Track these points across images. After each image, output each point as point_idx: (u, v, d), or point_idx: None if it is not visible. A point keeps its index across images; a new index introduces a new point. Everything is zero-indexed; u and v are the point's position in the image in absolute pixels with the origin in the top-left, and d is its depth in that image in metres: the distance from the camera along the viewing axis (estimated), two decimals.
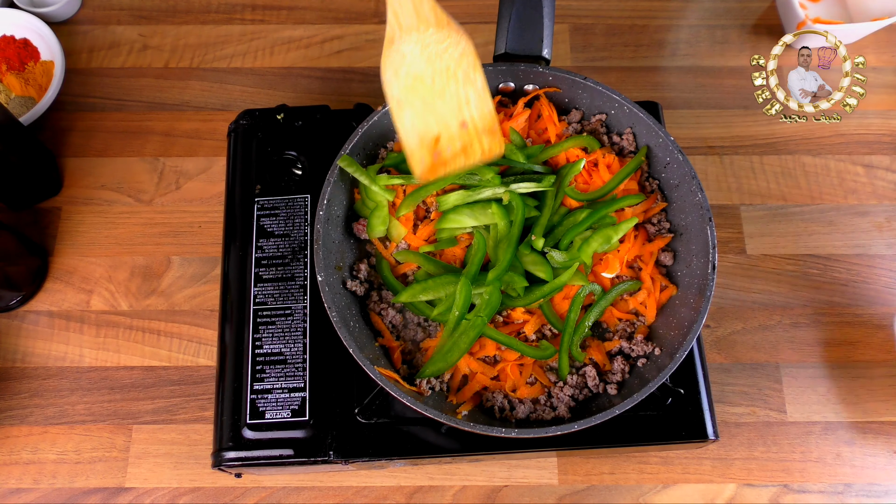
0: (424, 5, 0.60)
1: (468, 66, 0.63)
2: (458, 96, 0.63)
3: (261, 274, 0.74)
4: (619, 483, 0.81)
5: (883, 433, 0.83)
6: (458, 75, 0.63)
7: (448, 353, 0.68)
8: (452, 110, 0.63)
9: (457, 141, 0.64)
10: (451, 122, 0.63)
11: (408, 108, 0.62)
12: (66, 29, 1.04)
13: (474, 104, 0.63)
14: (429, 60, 0.62)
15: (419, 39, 0.61)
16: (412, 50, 0.61)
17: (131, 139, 0.98)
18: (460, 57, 0.62)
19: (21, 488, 0.81)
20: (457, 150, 0.64)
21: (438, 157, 0.63)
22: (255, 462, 0.68)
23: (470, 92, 0.63)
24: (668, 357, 0.65)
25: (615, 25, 1.06)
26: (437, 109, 0.63)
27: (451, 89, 0.63)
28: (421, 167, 0.64)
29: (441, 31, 0.61)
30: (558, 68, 0.75)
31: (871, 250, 0.91)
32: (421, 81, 0.62)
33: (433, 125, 0.63)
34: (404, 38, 0.61)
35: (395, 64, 0.61)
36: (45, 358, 0.86)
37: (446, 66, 0.62)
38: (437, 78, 0.62)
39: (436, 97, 0.62)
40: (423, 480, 0.81)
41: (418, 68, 0.62)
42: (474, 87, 0.63)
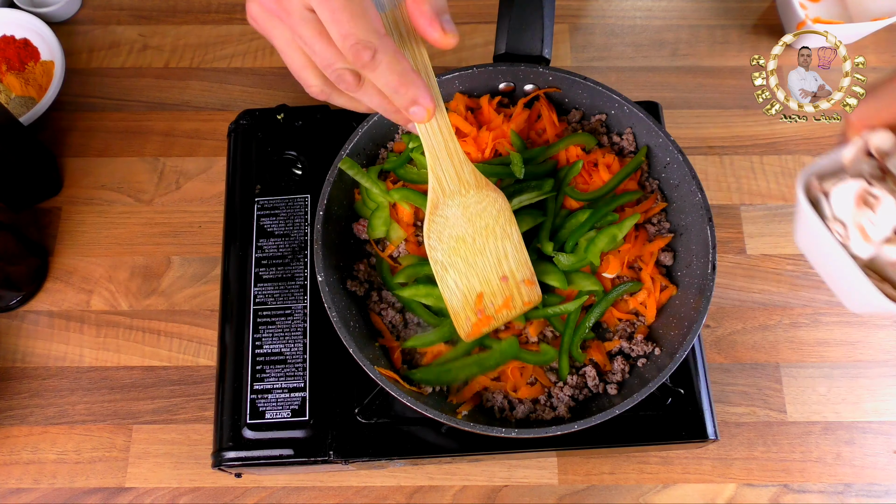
0: (465, 170, 0.62)
1: (505, 222, 0.65)
2: (498, 251, 0.66)
3: (261, 274, 0.74)
4: (619, 483, 0.81)
5: (883, 433, 0.83)
6: (496, 231, 0.65)
7: (444, 372, 0.68)
8: (493, 266, 0.66)
9: (498, 296, 0.66)
10: (491, 278, 0.66)
11: (452, 269, 0.65)
12: (66, 29, 1.04)
13: (512, 257, 0.66)
14: (469, 221, 0.64)
15: (461, 202, 0.63)
16: (455, 213, 0.63)
17: (131, 139, 0.98)
18: (498, 214, 0.65)
19: (21, 488, 0.81)
20: (499, 304, 0.66)
21: (482, 314, 0.66)
22: (255, 462, 0.68)
23: (507, 245, 0.66)
24: (668, 357, 0.65)
25: (615, 25, 1.06)
26: (479, 267, 0.65)
27: (491, 245, 0.65)
28: (467, 327, 0.66)
29: (480, 192, 0.63)
30: (558, 68, 0.75)
31: None
32: (463, 242, 0.65)
33: (476, 283, 0.66)
34: (447, 203, 0.63)
35: (438, 228, 0.64)
36: (45, 358, 0.86)
37: (486, 223, 0.65)
38: (478, 237, 0.65)
39: (477, 255, 0.65)
40: (423, 480, 0.81)
41: (460, 230, 0.64)
42: (511, 240, 0.66)
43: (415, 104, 0.50)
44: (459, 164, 0.62)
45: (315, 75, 0.51)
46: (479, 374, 0.68)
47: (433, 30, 0.50)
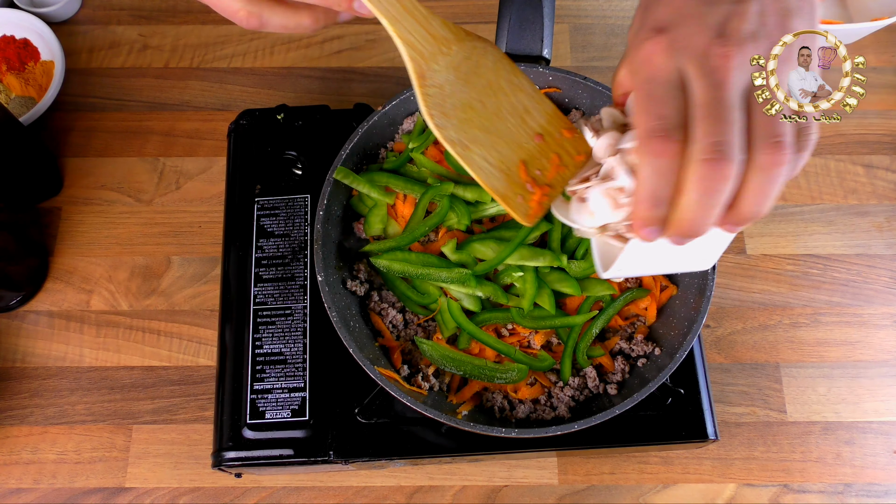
0: (434, 23, 0.53)
1: (507, 72, 0.55)
2: (516, 108, 0.54)
3: (261, 274, 0.74)
4: (619, 483, 0.81)
5: (883, 433, 0.83)
6: (502, 86, 0.54)
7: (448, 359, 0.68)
8: (518, 126, 0.54)
9: (542, 158, 0.54)
10: (524, 140, 0.54)
11: (474, 145, 0.52)
12: (66, 29, 1.04)
13: (535, 110, 0.55)
14: (468, 82, 0.53)
15: (448, 63, 0.53)
16: (447, 77, 0.52)
17: (131, 139, 0.98)
18: (495, 65, 0.55)
19: (21, 488, 0.81)
20: (546, 167, 0.54)
21: (534, 185, 0.54)
22: (255, 462, 0.68)
23: (523, 98, 0.55)
24: (668, 357, 0.65)
25: (615, 25, 1.06)
26: (503, 133, 0.54)
27: (505, 103, 0.54)
28: (524, 209, 0.53)
29: (464, 45, 0.54)
30: (558, 68, 0.75)
31: (871, 250, 0.91)
32: (472, 109, 0.53)
33: (510, 153, 0.53)
34: (433, 68, 0.52)
35: (437, 101, 0.52)
36: (45, 358, 0.86)
37: (486, 80, 0.54)
38: (485, 98, 0.54)
39: (494, 120, 0.53)
40: (423, 480, 0.81)
41: (462, 96, 0.53)
42: (524, 91, 0.55)
43: None
44: (425, 20, 0.52)
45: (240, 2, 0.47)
46: (480, 379, 0.68)
47: None
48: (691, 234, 0.44)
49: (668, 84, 0.44)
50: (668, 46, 0.44)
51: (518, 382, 0.68)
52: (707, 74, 0.42)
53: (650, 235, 0.45)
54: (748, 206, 0.42)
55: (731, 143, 0.41)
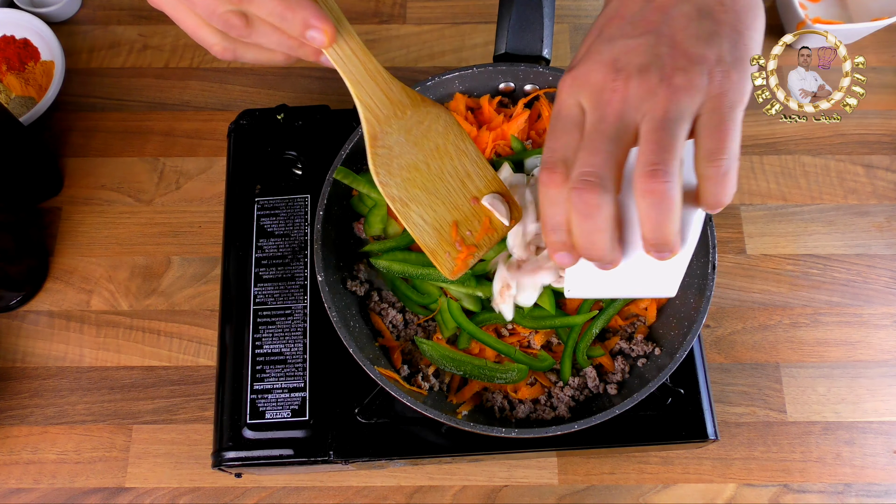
0: (394, 89, 0.57)
1: (456, 138, 0.59)
2: (458, 171, 0.59)
3: (261, 274, 0.74)
4: (619, 483, 0.81)
5: (883, 433, 0.83)
6: (449, 150, 0.59)
7: (448, 359, 0.68)
8: (458, 189, 0.59)
9: (474, 220, 0.59)
10: (460, 202, 0.59)
11: (413, 203, 0.57)
12: (66, 29, 1.04)
13: (475, 174, 0.60)
14: (416, 145, 0.58)
15: (401, 126, 0.57)
16: (397, 140, 0.57)
17: (131, 139, 0.98)
18: (445, 130, 0.59)
19: (21, 488, 0.81)
20: (477, 229, 0.59)
21: (462, 245, 0.59)
22: (255, 462, 0.68)
23: (466, 163, 0.59)
24: (668, 357, 0.65)
25: None
26: (442, 194, 0.58)
27: (448, 167, 0.59)
28: (449, 264, 0.59)
29: (419, 110, 0.57)
30: (558, 68, 0.75)
31: (871, 250, 0.91)
32: (417, 170, 0.58)
33: (445, 213, 0.58)
34: (385, 130, 0.57)
35: (384, 161, 0.57)
36: (45, 358, 0.86)
37: (435, 144, 0.58)
38: (431, 160, 0.58)
39: (436, 181, 0.58)
40: (423, 480, 0.81)
41: (409, 157, 0.57)
42: (468, 157, 0.59)
43: (308, 27, 0.48)
44: (385, 85, 0.56)
45: (212, 32, 0.49)
46: (480, 379, 0.68)
47: None
48: (602, 258, 0.46)
49: (568, 119, 0.47)
50: (571, 83, 0.47)
51: (518, 382, 0.68)
52: (596, 108, 0.45)
53: (562, 260, 0.48)
54: (646, 231, 0.44)
55: (602, 172, 0.43)
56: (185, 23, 0.50)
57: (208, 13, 0.47)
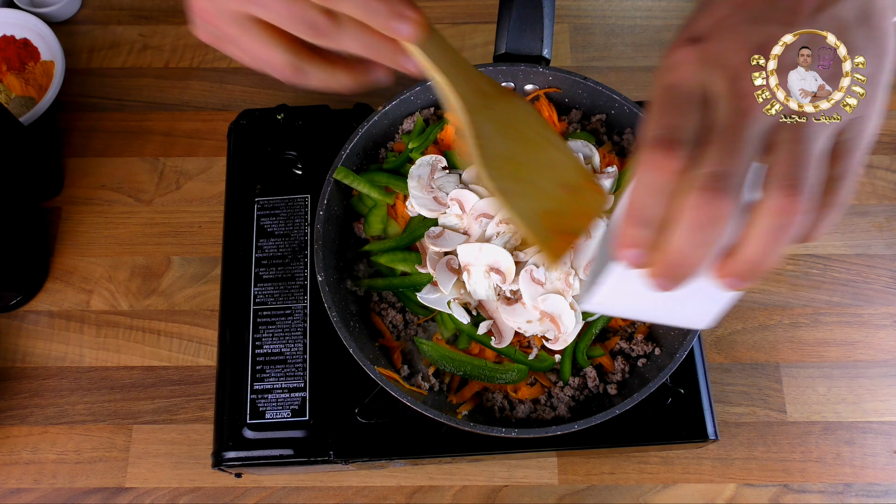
0: (481, 80, 0.54)
1: (538, 126, 0.57)
2: (545, 161, 0.57)
3: (261, 274, 0.74)
4: (619, 483, 0.81)
5: (883, 433, 0.83)
6: (534, 139, 0.57)
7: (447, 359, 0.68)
8: (548, 177, 0.57)
9: (567, 207, 0.57)
10: (552, 190, 0.57)
11: (516, 196, 0.55)
12: (66, 29, 1.04)
13: (560, 161, 0.58)
14: (504, 134, 0.55)
15: (489, 117, 0.54)
16: (488, 131, 0.54)
17: (131, 139, 0.98)
18: (528, 119, 0.57)
19: (21, 488, 0.81)
20: (569, 216, 0.57)
21: (560, 231, 0.56)
22: (255, 462, 0.68)
23: (551, 151, 0.58)
24: (668, 357, 0.65)
25: (615, 25, 1.06)
26: (536, 183, 0.56)
27: (535, 157, 0.57)
28: (556, 253, 0.56)
29: (503, 99, 0.56)
30: (558, 68, 0.75)
31: (871, 250, 0.91)
32: (510, 161, 0.55)
33: (542, 201, 0.56)
34: (481, 120, 0.54)
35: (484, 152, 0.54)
36: (45, 358, 0.86)
37: (521, 134, 0.56)
38: (519, 150, 0.56)
39: (529, 171, 0.56)
40: (423, 480, 0.81)
41: (502, 148, 0.55)
42: (553, 145, 0.58)
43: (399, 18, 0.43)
44: (474, 75, 0.54)
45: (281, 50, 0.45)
46: (480, 379, 0.68)
47: None
48: (677, 274, 0.38)
49: (689, 96, 0.39)
50: (699, 57, 0.40)
51: (518, 382, 0.68)
52: (735, 97, 0.38)
53: (631, 259, 0.39)
54: (747, 253, 0.37)
55: (739, 177, 0.36)
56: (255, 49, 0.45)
57: (291, 16, 0.42)
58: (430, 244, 0.69)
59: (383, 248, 0.71)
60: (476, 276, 0.67)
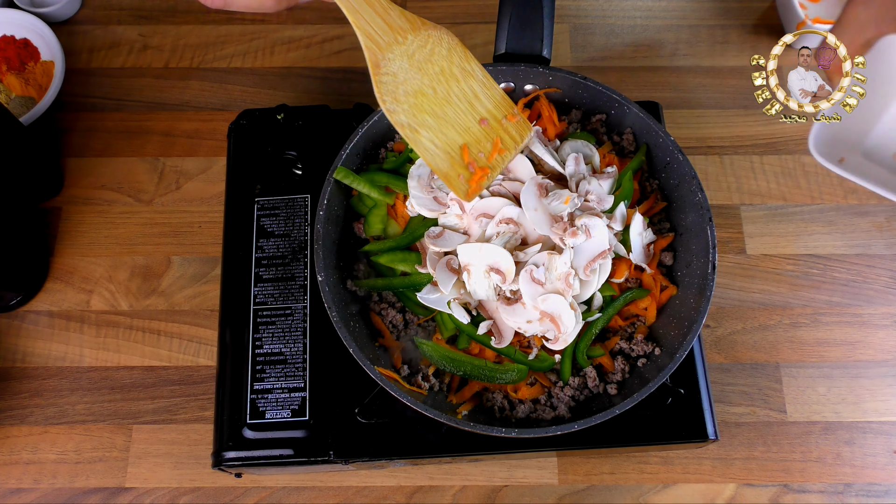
0: (393, 15, 0.56)
1: (461, 59, 0.59)
2: (465, 94, 0.59)
3: (261, 274, 0.74)
4: (619, 483, 0.81)
5: (883, 433, 0.83)
6: (454, 73, 0.59)
7: (448, 359, 0.68)
8: (466, 111, 0.59)
9: (485, 141, 0.60)
10: (470, 124, 0.59)
11: (422, 129, 0.58)
12: (66, 29, 1.04)
13: (483, 95, 0.60)
14: (421, 70, 0.57)
15: (403, 52, 0.57)
16: (401, 66, 0.57)
17: (131, 139, 0.98)
18: (449, 53, 0.59)
19: (21, 488, 0.81)
20: (488, 150, 0.60)
21: (475, 166, 0.59)
22: (255, 462, 0.68)
23: (473, 85, 0.59)
24: (668, 357, 0.65)
25: (615, 25, 1.06)
26: (451, 117, 0.59)
27: (455, 90, 0.59)
28: (463, 186, 0.60)
29: (419, 34, 0.57)
30: (558, 68, 0.75)
31: (871, 250, 0.91)
32: (423, 95, 0.58)
33: (455, 136, 0.59)
34: (388, 57, 0.56)
35: (390, 88, 0.57)
36: (45, 358, 0.86)
37: (440, 67, 0.58)
38: (437, 85, 0.58)
39: (444, 105, 0.58)
40: (423, 480, 0.81)
41: (415, 83, 0.57)
42: (475, 78, 0.59)
43: None
44: (384, 11, 0.55)
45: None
46: (480, 379, 0.68)
47: None
48: None
49: None
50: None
51: (518, 382, 0.68)
52: None
53: None
54: None
55: None
56: None
57: None
58: (430, 244, 0.69)
59: (383, 248, 0.71)
60: (476, 277, 0.67)
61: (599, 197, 0.70)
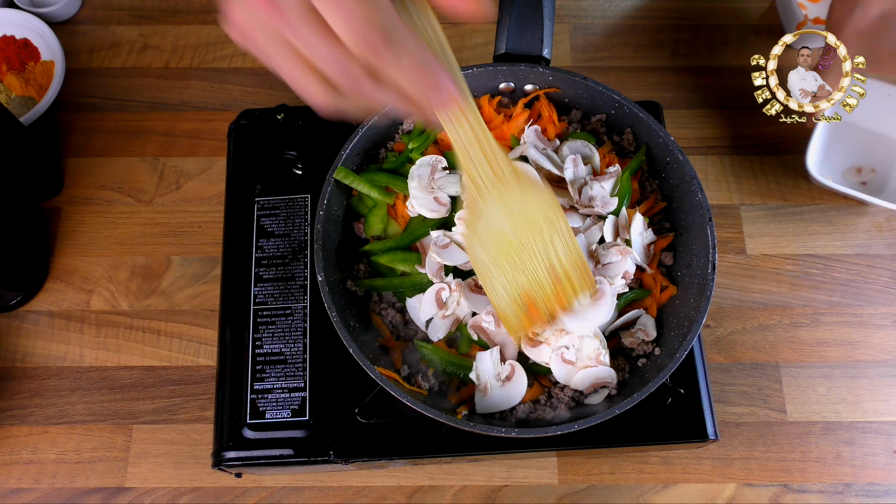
0: (501, 163, 0.57)
1: (552, 215, 0.60)
2: (545, 245, 0.61)
3: (261, 274, 0.74)
4: (619, 483, 0.81)
5: (883, 433, 0.83)
6: (542, 226, 0.60)
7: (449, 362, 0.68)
8: (539, 259, 0.61)
9: (548, 289, 0.61)
10: (540, 273, 0.61)
11: (497, 272, 0.60)
12: (66, 29, 1.04)
13: (560, 249, 0.61)
14: (512, 218, 0.59)
15: (501, 199, 0.58)
16: (494, 210, 0.58)
17: (131, 139, 0.98)
18: (543, 207, 0.60)
19: (21, 488, 0.81)
20: (549, 297, 0.62)
21: (533, 310, 0.61)
22: (255, 462, 0.68)
23: (556, 239, 0.61)
24: (668, 357, 0.65)
25: (615, 25, 1.06)
26: (524, 261, 0.60)
27: (537, 240, 0.60)
28: (517, 329, 0.62)
29: (521, 186, 0.58)
30: (558, 68, 0.75)
31: (871, 250, 0.91)
32: (508, 242, 0.59)
33: (523, 280, 0.61)
34: (487, 204, 0.58)
35: (479, 233, 0.59)
36: (45, 358, 0.86)
37: (528, 216, 0.60)
38: (522, 234, 0.60)
39: (523, 253, 0.60)
40: (423, 480, 0.81)
41: (503, 228, 0.59)
42: (559, 233, 0.61)
43: (435, 90, 0.44)
44: (493, 157, 0.56)
45: (321, 87, 0.45)
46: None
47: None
48: None
49: None
50: None
51: None
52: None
53: None
54: None
55: None
56: (291, 72, 0.45)
57: (337, 68, 0.42)
58: (435, 253, 0.68)
59: (383, 248, 0.71)
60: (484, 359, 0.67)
61: (603, 201, 0.70)
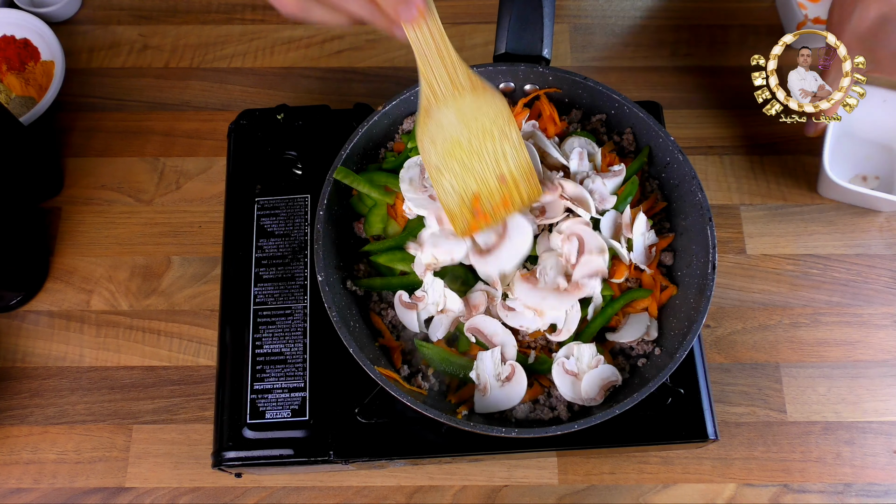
0: (459, 73, 0.61)
1: (503, 123, 0.64)
2: (496, 152, 0.65)
3: (261, 274, 0.74)
4: (619, 483, 0.81)
5: (883, 433, 0.83)
6: (493, 133, 0.64)
7: (447, 361, 0.68)
8: (490, 167, 0.65)
9: (496, 194, 0.65)
10: (489, 178, 0.65)
11: (447, 172, 0.64)
12: (66, 29, 1.04)
13: (511, 157, 0.65)
14: (465, 123, 0.63)
15: (455, 106, 0.62)
16: (449, 117, 0.62)
17: (131, 139, 0.98)
18: (496, 116, 0.64)
19: (21, 488, 0.81)
20: (496, 202, 0.66)
21: (478, 212, 0.65)
22: (255, 462, 0.68)
23: (506, 146, 0.65)
24: (668, 357, 0.65)
25: (615, 25, 1.06)
26: (475, 168, 0.65)
27: (489, 147, 0.64)
28: (462, 225, 0.66)
29: (476, 95, 0.62)
30: (558, 68, 0.75)
31: (871, 250, 0.91)
32: (458, 145, 0.64)
33: (472, 184, 0.65)
34: (440, 108, 0.62)
35: (431, 133, 0.63)
36: (45, 358, 0.86)
37: (482, 125, 0.64)
38: (474, 139, 0.64)
39: (473, 157, 0.64)
40: (423, 480, 0.81)
41: (455, 132, 0.63)
42: (510, 141, 0.65)
43: (404, 4, 0.48)
44: (452, 67, 0.61)
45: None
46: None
47: None
48: None
49: None
50: None
51: None
52: None
53: None
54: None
55: None
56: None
57: None
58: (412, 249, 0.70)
59: (383, 248, 0.71)
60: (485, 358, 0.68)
61: (602, 196, 0.70)
